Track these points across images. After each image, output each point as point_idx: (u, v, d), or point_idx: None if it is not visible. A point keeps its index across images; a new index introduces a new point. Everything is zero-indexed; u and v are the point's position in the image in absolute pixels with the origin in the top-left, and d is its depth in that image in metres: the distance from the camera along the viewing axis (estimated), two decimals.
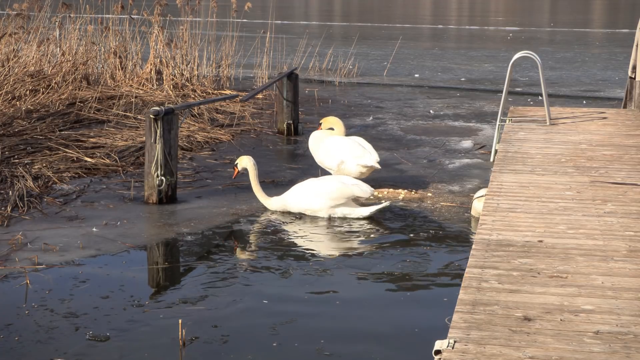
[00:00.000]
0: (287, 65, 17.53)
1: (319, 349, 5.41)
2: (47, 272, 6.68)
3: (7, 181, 8.99)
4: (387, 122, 13.57)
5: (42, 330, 5.61)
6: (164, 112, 8.50)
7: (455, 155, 11.19)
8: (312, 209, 8.32)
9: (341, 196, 8.26)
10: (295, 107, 12.54)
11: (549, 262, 5.17)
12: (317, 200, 8.28)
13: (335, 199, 8.25)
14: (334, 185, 8.31)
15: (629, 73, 11.58)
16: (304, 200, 8.33)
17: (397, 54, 22.84)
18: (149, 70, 14.63)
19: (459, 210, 8.57)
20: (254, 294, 6.40)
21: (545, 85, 10.69)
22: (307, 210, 8.34)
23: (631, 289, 4.74)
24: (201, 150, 11.15)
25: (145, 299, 6.25)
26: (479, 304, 4.49)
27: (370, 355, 5.34)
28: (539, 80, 11.10)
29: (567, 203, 6.62)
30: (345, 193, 8.27)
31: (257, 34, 17.42)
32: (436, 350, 3.93)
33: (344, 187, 8.28)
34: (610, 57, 24.62)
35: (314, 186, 8.38)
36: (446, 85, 18.37)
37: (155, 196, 8.58)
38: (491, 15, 49.45)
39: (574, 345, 3.99)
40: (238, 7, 16.19)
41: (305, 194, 8.34)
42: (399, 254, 7.27)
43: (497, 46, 28.41)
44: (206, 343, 5.48)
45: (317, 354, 5.36)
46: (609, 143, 9.20)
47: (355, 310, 6.07)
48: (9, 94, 12.62)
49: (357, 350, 5.42)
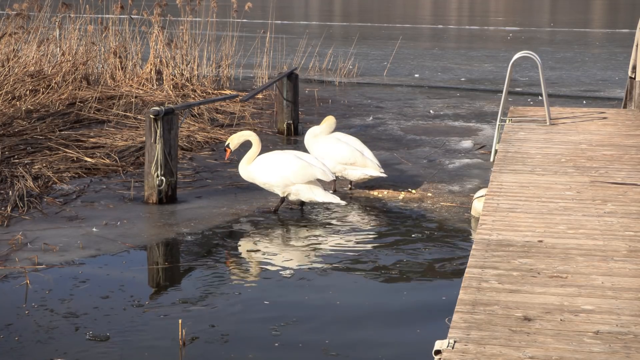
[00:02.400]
0: (287, 65, 17.53)
1: (319, 349, 5.41)
2: (47, 272, 6.68)
3: (7, 181, 8.99)
4: (387, 122, 13.57)
5: (42, 330, 5.61)
6: (164, 112, 8.50)
7: (455, 155, 11.19)
8: (270, 183, 8.32)
9: (303, 176, 8.24)
10: (295, 107, 12.54)
11: (549, 262, 5.17)
12: (276, 176, 8.24)
13: (296, 178, 8.23)
14: (297, 163, 8.29)
15: (629, 73, 11.58)
16: (265, 174, 8.30)
17: (397, 54, 22.84)
18: (149, 70, 14.63)
19: (459, 210, 8.57)
20: (254, 294, 6.40)
21: (545, 85, 10.69)
22: (266, 184, 8.35)
23: (631, 289, 4.74)
24: (201, 150, 11.15)
25: (145, 299, 6.25)
26: (479, 304, 4.49)
27: (370, 355, 5.34)
28: (539, 80, 11.10)
29: (567, 203, 6.62)
30: (307, 173, 8.25)
31: (257, 34, 17.42)
32: (436, 350, 3.93)
33: (307, 167, 8.25)
34: (610, 57, 24.62)
35: (277, 161, 8.33)
36: (446, 85, 18.37)
37: (155, 196, 8.58)
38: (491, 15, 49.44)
39: (574, 345, 3.99)
40: (238, 7, 16.19)
41: (268, 167, 8.30)
42: (398, 254, 7.27)
43: (497, 46, 28.41)
44: (206, 343, 5.48)
45: (317, 354, 5.36)
46: (609, 143, 9.20)
47: (355, 310, 6.07)
48: (9, 94, 12.62)
49: (358, 350, 5.42)
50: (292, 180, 8.21)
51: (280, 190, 8.30)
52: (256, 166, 8.37)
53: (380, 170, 9.09)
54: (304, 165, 8.28)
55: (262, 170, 8.33)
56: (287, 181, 8.22)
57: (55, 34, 14.72)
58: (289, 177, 8.21)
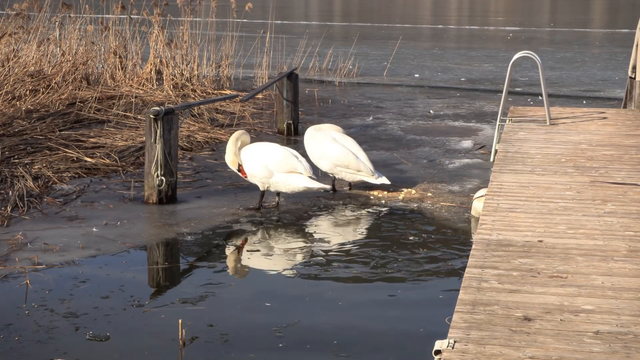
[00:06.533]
0: (287, 65, 17.53)
1: (319, 349, 5.41)
2: (47, 272, 6.68)
3: (7, 181, 8.99)
4: (387, 122, 13.57)
5: (42, 330, 5.61)
6: (164, 112, 8.50)
7: (455, 155, 11.19)
8: (252, 173, 8.35)
9: (285, 165, 8.27)
10: (295, 107, 12.54)
11: (549, 262, 5.17)
12: (257, 165, 8.30)
13: (277, 167, 8.27)
14: (280, 152, 8.34)
15: (629, 73, 11.58)
16: (248, 164, 8.35)
17: (397, 54, 22.83)
18: (149, 70, 14.62)
19: (459, 210, 8.57)
20: (254, 293, 6.40)
21: (545, 85, 10.69)
22: (249, 177, 8.40)
23: (631, 289, 4.74)
24: (201, 150, 11.15)
25: (145, 299, 6.25)
26: (479, 304, 4.49)
27: (370, 355, 5.34)
28: (539, 80, 11.10)
29: (567, 203, 6.62)
30: (288, 163, 8.28)
31: (257, 34, 17.41)
32: (436, 350, 3.93)
33: (289, 157, 8.31)
34: (610, 57, 24.62)
35: (260, 150, 8.41)
36: (446, 85, 18.37)
37: (155, 196, 8.58)
38: (491, 15, 49.44)
39: (574, 345, 3.99)
40: (238, 7, 16.18)
41: (251, 156, 8.35)
42: (398, 254, 7.27)
43: (497, 46, 28.41)
44: (206, 343, 5.48)
45: (317, 354, 5.36)
46: (609, 143, 9.20)
47: (355, 310, 6.07)
48: (9, 94, 12.61)
49: (358, 350, 5.42)
50: (272, 169, 8.25)
51: (260, 180, 8.33)
52: (240, 155, 8.42)
53: (373, 175, 9.01)
54: (287, 154, 8.33)
55: (244, 160, 8.36)
56: (267, 172, 8.26)
57: (55, 34, 14.72)
58: (269, 166, 8.25)
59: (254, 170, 8.33)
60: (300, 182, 8.29)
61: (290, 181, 8.31)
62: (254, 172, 8.34)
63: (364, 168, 8.99)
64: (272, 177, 8.30)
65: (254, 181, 8.44)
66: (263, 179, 8.33)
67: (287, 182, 8.32)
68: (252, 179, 8.45)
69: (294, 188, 8.34)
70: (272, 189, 8.41)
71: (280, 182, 8.33)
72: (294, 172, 8.30)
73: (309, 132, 9.36)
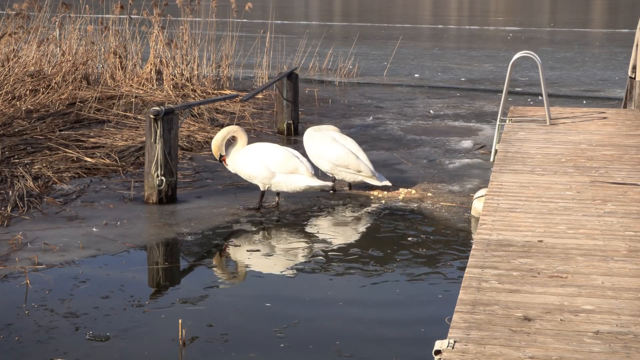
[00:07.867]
0: (287, 65, 17.53)
1: (320, 350, 5.40)
2: (47, 272, 6.68)
3: (7, 181, 8.99)
4: (387, 122, 13.56)
5: (42, 330, 5.60)
6: (164, 112, 8.50)
7: (455, 155, 11.19)
8: (252, 174, 8.34)
9: (286, 166, 8.27)
10: (295, 107, 12.54)
11: (549, 262, 5.17)
12: (258, 166, 8.28)
13: (278, 168, 8.26)
14: (281, 152, 8.33)
15: (629, 73, 11.58)
16: (247, 165, 8.34)
17: (397, 54, 22.84)
18: (149, 70, 14.62)
19: (459, 210, 8.57)
20: (254, 293, 6.40)
21: (545, 85, 10.69)
22: (250, 176, 8.39)
23: (631, 289, 4.74)
24: (201, 150, 11.15)
25: (145, 299, 6.25)
26: (479, 304, 4.49)
27: (370, 355, 5.34)
28: (539, 80, 11.10)
29: (567, 203, 6.62)
30: (289, 163, 8.27)
31: (257, 34, 17.41)
32: (436, 350, 3.93)
33: (291, 158, 8.30)
34: (610, 57, 24.62)
35: (261, 150, 8.39)
36: (446, 85, 18.37)
37: (155, 196, 8.58)
38: (491, 15, 49.45)
39: (574, 345, 3.99)
40: (238, 7, 16.18)
41: (251, 157, 8.34)
42: (398, 254, 7.27)
43: (497, 46, 28.41)
44: (206, 343, 5.48)
45: (317, 354, 5.36)
46: (609, 143, 9.20)
47: (355, 310, 6.07)
48: (9, 94, 12.62)
49: (358, 350, 5.42)
50: (273, 170, 8.25)
51: (261, 181, 8.32)
52: (240, 156, 8.40)
53: (374, 176, 9.00)
54: (288, 155, 8.32)
55: (245, 160, 8.35)
56: (269, 172, 8.25)
57: (55, 34, 14.72)
58: (270, 167, 8.24)
59: (254, 171, 8.33)
60: (302, 182, 8.30)
61: (292, 181, 8.31)
62: (255, 172, 8.33)
63: (364, 168, 8.98)
64: (274, 178, 8.31)
65: (254, 181, 8.44)
66: (264, 180, 8.33)
67: (288, 182, 8.32)
68: (252, 180, 8.45)
69: (295, 188, 8.34)
70: (273, 189, 8.41)
71: (282, 183, 8.33)
72: (296, 172, 8.30)
73: (308, 133, 9.34)
